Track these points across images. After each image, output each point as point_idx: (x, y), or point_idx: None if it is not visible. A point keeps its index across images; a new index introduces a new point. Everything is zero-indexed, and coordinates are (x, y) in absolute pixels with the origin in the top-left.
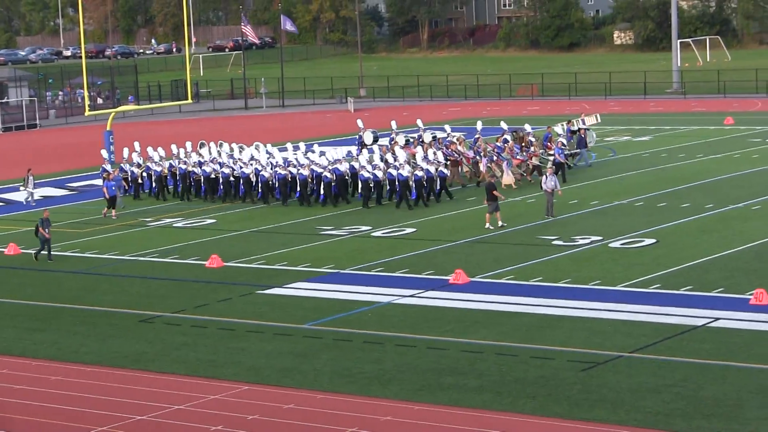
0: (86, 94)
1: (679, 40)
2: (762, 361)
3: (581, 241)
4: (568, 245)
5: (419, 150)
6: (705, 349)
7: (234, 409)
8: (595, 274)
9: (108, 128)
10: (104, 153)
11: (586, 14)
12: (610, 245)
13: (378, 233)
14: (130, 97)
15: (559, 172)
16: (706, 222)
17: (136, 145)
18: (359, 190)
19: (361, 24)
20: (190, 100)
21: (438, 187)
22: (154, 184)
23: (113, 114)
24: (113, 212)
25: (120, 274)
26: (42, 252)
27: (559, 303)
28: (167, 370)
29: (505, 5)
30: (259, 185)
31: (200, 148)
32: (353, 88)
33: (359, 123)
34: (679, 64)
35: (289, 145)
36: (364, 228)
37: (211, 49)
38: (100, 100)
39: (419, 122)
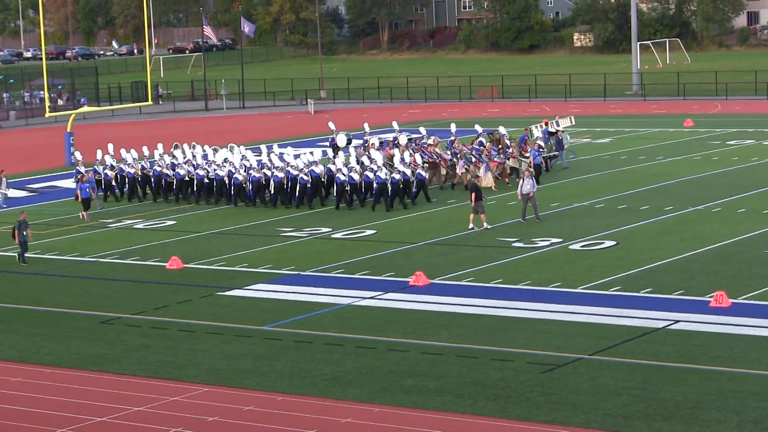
0: (47, 95)
1: (638, 43)
2: (721, 364)
3: (541, 243)
4: (528, 247)
5: (396, 152)
6: (665, 352)
7: (194, 410)
8: (555, 276)
9: (68, 130)
10: (78, 155)
11: (546, 16)
12: (570, 247)
13: (338, 235)
14: (82, 99)
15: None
16: (666, 224)
17: (110, 147)
18: (335, 193)
19: (322, 26)
20: (150, 102)
21: (415, 190)
22: (126, 186)
23: (73, 115)
24: (84, 214)
25: (80, 275)
26: (26, 255)
27: (519, 305)
28: (127, 372)
29: (465, 7)
30: (232, 187)
31: (174, 149)
32: (314, 90)
33: (331, 125)
34: (638, 67)
35: (263, 147)
36: (324, 230)
37: (171, 51)
38: (60, 102)
39: (395, 124)
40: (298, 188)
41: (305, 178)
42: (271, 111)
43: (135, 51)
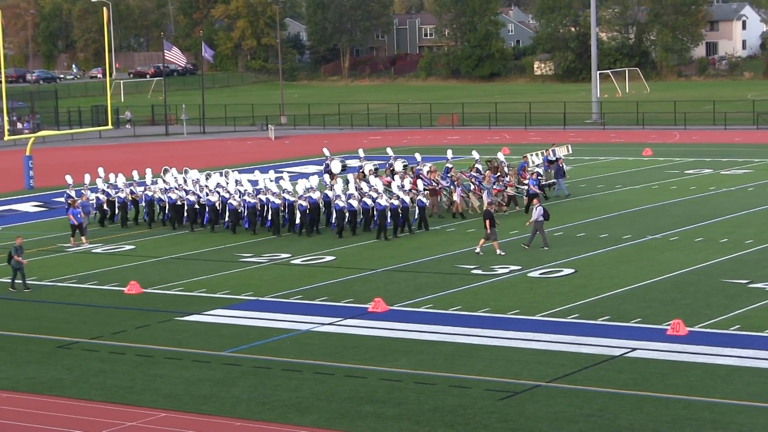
0: (6, 118)
1: (598, 72)
2: (678, 392)
3: (500, 271)
4: (487, 274)
5: (396, 179)
6: (622, 379)
7: None
8: (513, 303)
9: (27, 153)
10: (68, 178)
11: (506, 44)
12: (529, 275)
13: (297, 261)
14: (25, 124)
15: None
16: (624, 252)
17: (100, 170)
18: (333, 220)
19: (283, 52)
20: (110, 126)
21: (417, 217)
22: (117, 211)
23: (33, 139)
24: (83, 239)
25: (38, 299)
26: (17, 281)
27: (477, 332)
28: (85, 397)
29: (426, 35)
30: (227, 213)
31: (164, 174)
32: (274, 116)
33: (326, 151)
34: (598, 95)
35: (257, 173)
36: (283, 255)
37: (132, 75)
38: (20, 125)
39: (389, 150)
40: (297, 215)
41: (303, 204)
42: (232, 136)
43: (99, 75)
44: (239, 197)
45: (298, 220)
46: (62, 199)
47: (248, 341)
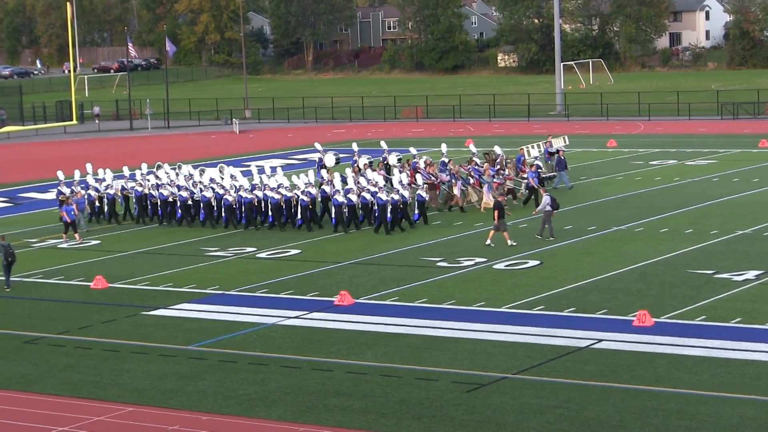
0: None
1: (562, 63)
2: (644, 383)
3: (466, 263)
4: (452, 267)
5: (395, 172)
6: (588, 371)
7: (118, 430)
8: (479, 295)
9: None
10: (60, 174)
11: (470, 37)
12: (494, 267)
13: (263, 255)
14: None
15: (532, 197)
16: (589, 244)
17: (89, 166)
18: (332, 215)
19: (246, 46)
20: (75, 122)
21: (417, 212)
22: (106, 207)
23: None
24: (76, 236)
25: (3, 295)
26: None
27: (443, 324)
28: (51, 392)
29: (389, 27)
30: (222, 209)
31: (157, 170)
32: (238, 110)
33: (317, 146)
34: (562, 87)
35: (253, 168)
36: (249, 249)
37: (96, 71)
38: None
39: (383, 144)
40: (299, 210)
41: (305, 199)
42: (196, 131)
43: (65, 71)
44: (234, 192)
45: (299, 216)
46: (30, 195)
47: (214, 335)
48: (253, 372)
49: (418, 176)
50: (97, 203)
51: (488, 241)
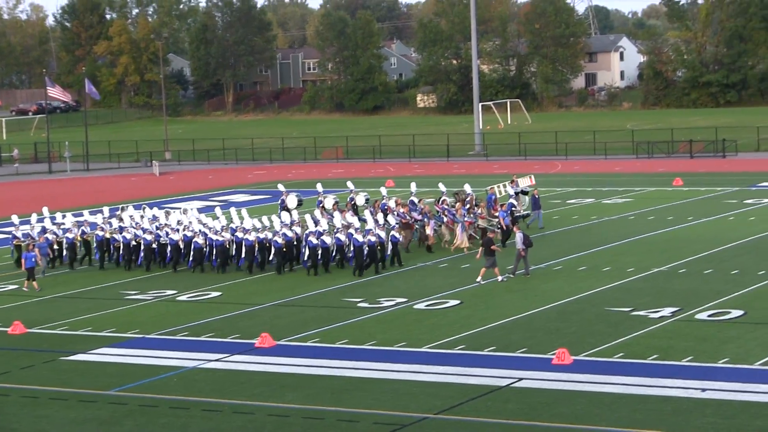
0: None
1: (480, 103)
2: (564, 420)
3: (386, 303)
4: (373, 307)
5: (368, 214)
6: (509, 409)
7: None
8: (400, 335)
9: None
10: (15, 218)
11: (389, 78)
12: (415, 307)
13: (183, 297)
14: None
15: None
16: (508, 282)
17: (45, 210)
18: (305, 257)
19: (166, 87)
20: None
21: (389, 253)
22: (65, 252)
23: None
24: (34, 284)
25: None
26: None
27: (365, 365)
28: None
29: (309, 69)
30: (191, 252)
31: (121, 212)
32: (158, 151)
33: (281, 187)
34: (481, 127)
35: (232, 210)
36: (169, 292)
37: (14, 113)
38: None
39: (350, 184)
40: (273, 252)
41: (279, 241)
42: (116, 173)
43: None
44: (203, 236)
45: (272, 257)
46: None
47: (135, 379)
48: (174, 416)
49: (390, 217)
50: (56, 246)
51: (479, 279)
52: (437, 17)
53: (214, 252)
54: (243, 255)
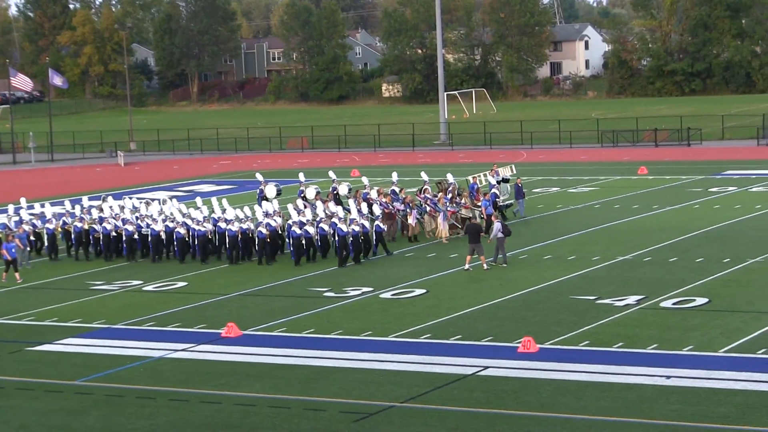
0: None
1: (445, 93)
2: (530, 408)
3: (352, 293)
4: (339, 297)
5: (352, 203)
6: (475, 398)
7: None
8: (366, 325)
9: None
10: None
11: (354, 67)
12: (381, 296)
13: (149, 287)
14: None
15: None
16: (474, 272)
17: (23, 200)
18: (290, 247)
19: (131, 77)
20: None
21: (374, 243)
22: (45, 243)
23: None
24: (17, 275)
25: None
26: None
27: (331, 354)
28: None
29: (274, 59)
30: (174, 243)
31: (102, 202)
32: (123, 142)
33: (259, 176)
34: (446, 116)
35: (214, 200)
36: (135, 282)
37: None
38: None
39: (332, 174)
40: (257, 242)
41: (264, 231)
42: (81, 164)
43: None
44: (185, 227)
45: (256, 247)
46: None
47: (100, 369)
48: (141, 406)
49: (375, 207)
50: (33, 237)
51: (467, 266)
52: (402, 6)
53: (197, 242)
54: (227, 245)
